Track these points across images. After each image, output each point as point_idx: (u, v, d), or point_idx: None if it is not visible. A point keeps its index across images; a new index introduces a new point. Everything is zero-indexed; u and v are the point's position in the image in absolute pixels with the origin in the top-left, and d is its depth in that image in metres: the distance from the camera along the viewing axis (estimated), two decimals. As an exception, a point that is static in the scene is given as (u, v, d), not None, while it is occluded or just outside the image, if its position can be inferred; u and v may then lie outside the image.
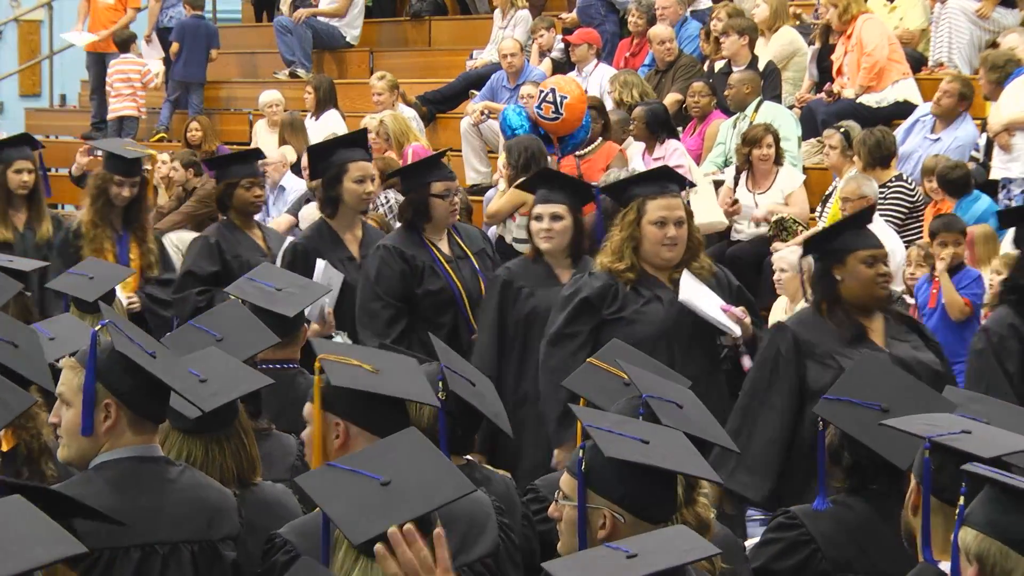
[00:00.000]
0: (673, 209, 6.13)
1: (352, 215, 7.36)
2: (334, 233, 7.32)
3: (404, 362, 4.09)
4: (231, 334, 5.13)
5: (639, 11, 12.65)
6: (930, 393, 4.32)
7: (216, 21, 17.97)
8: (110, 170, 8.16)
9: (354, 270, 7.20)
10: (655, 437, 3.48)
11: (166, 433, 4.27)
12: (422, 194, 7.05)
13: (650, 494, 3.37)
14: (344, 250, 7.30)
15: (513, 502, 4.41)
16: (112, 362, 3.84)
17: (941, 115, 9.96)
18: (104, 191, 8.14)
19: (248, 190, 7.87)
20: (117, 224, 8.17)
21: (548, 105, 10.30)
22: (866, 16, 10.90)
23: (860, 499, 4.19)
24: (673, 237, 6.11)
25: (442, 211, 7.06)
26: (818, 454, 4.28)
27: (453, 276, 7.02)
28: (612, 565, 2.89)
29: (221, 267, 7.72)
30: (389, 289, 6.93)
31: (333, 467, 3.26)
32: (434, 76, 14.20)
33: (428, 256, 7.01)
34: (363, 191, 7.28)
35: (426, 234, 7.07)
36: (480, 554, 3.90)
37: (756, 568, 4.21)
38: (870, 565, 4.13)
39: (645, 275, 6.14)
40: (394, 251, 6.99)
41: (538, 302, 6.58)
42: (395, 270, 6.95)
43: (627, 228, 6.14)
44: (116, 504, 3.76)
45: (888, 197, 9.30)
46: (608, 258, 6.17)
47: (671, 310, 6.05)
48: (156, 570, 3.86)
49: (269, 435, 4.94)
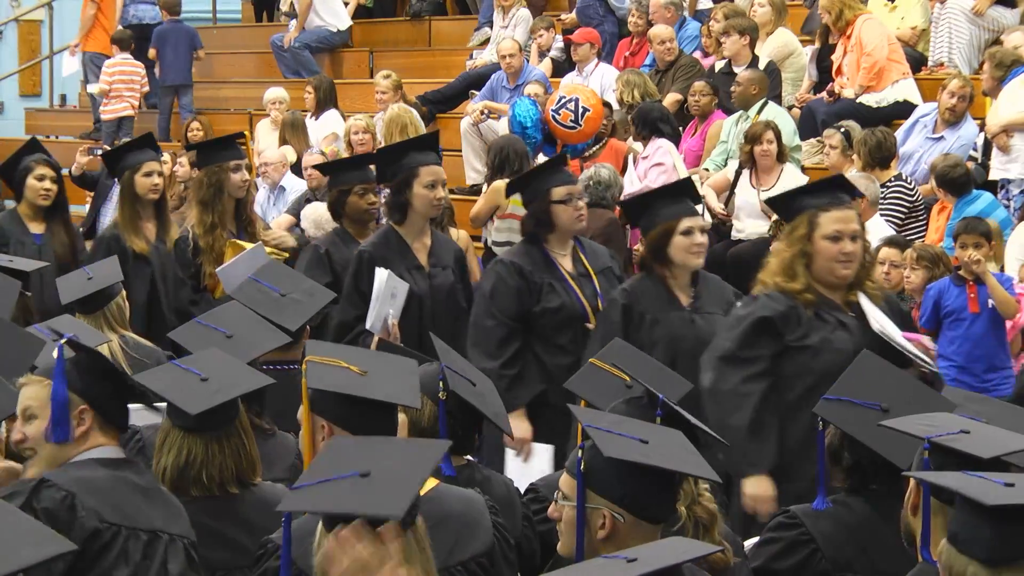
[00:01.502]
0: (848, 222, 5.63)
1: (422, 222, 7.00)
2: (402, 241, 6.97)
3: (398, 364, 4.07)
4: (241, 332, 5.14)
5: (638, 11, 12.65)
6: (930, 393, 4.33)
7: (216, 21, 18.00)
8: (223, 159, 7.69)
9: (422, 280, 6.92)
10: (654, 437, 3.48)
11: (166, 431, 4.30)
12: (543, 202, 6.68)
13: (650, 494, 3.38)
14: (412, 259, 6.96)
15: (513, 503, 4.41)
16: (81, 370, 3.99)
17: (953, 119, 9.92)
18: (219, 185, 7.66)
19: (362, 197, 7.40)
20: (231, 224, 7.72)
21: (568, 113, 10.31)
22: (865, 16, 10.90)
23: (860, 499, 4.20)
24: (849, 253, 5.60)
25: (567, 219, 6.66)
26: (818, 454, 4.28)
27: (580, 293, 6.64)
28: (612, 569, 2.89)
29: (332, 278, 7.15)
30: (503, 307, 6.59)
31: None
32: (434, 76, 14.20)
33: (550, 272, 6.65)
34: (434, 197, 6.92)
35: (550, 246, 6.70)
36: (473, 553, 3.91)
37: (756, 568, 4.21)
38: (870, 565, 4.13)
39: (822, 298, 5.63)
40: (512, 267, 6.65)
41: (664, 331, 6.18)
42: (511, 287, 6.60)
43: (797, 244, 5.65)
44: (117, 486, 3.95)
45: (888, 197, 9.30)
46: (779, 277, 5.65)
47: (860, 339, 5.48)
48: (159, 555, 3.97)
49: (271, 435, 4.96)
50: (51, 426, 3.95)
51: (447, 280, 7.01)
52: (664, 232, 6.24)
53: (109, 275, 6.25)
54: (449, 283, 7.01)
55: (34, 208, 8.50)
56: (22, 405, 4.08)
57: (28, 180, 8.49)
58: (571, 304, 6.61)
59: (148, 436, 4.83)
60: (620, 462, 3.33)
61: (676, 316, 6.20)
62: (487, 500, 4.05)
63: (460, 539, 3.87)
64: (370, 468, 2.83)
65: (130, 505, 3.95)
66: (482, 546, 3.94)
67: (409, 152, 7.06)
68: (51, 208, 8.51)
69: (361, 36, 15.70)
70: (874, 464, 4.13)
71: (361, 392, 3.79)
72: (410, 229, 6.98)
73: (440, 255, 7.03)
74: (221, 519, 4.30)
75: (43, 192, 8.46)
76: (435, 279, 6.97)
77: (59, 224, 8.53)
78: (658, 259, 6.26)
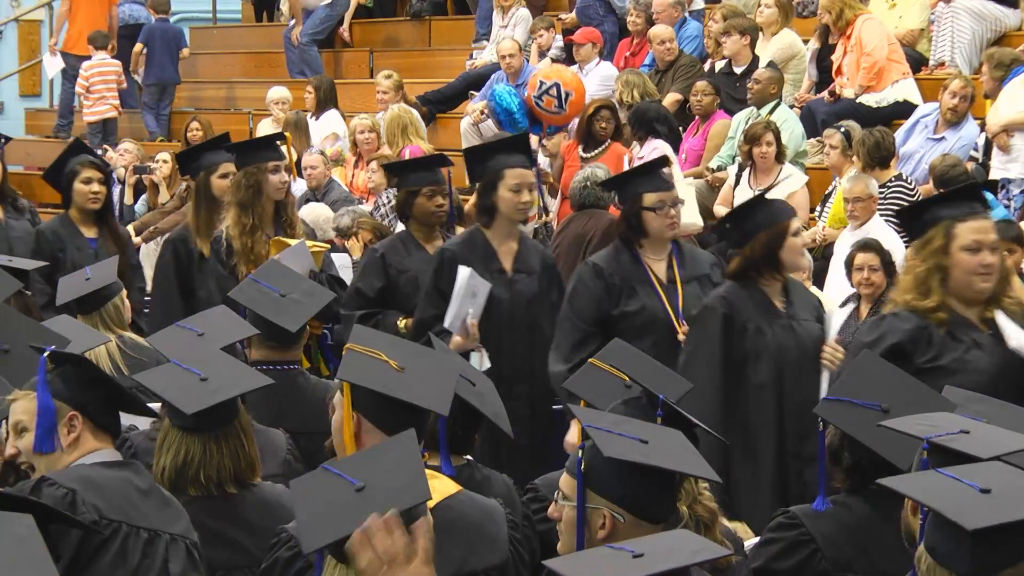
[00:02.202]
0: (987, 232, 5.33)
1: (509, 226, 6.80)
2: (488, 244, 6.79)
3: (440, 363, 4.01)
4: (210, 328, 5.14)
5: (638, 11, 12.65)
6: (930, 393, 4.32)
7: (216, 21, 18.01)
8: (261, 159, 7.37)
9: (503, 285, 6.72)
10: (654, 437, 3.47)
11: (165, 431, 4.30)
12: (633, 206, 6.46)
13: (650, 494, 3.37)
14: (495, 262, 6.77)
15: (513, 502, 4.41)
16: (67, 378, 3.99)
17: (955, 119, 9.91)
18: (257, 187, 7.34)
19: (430, 199, 7.12)
20: (269, 227, 7.39)
21: (551, 99, 10.29)
22: (865, 16, 10.90)
23: (860, 499, 4.19)
24: (989, 265, 5.30)
25: (658, 226, 6.42)
26: (818, 454, 4.28)
27: (665, 300, 6.39)
28: (616, 563, 2.89)
29: (385, 282, 7.09)
30: (581, 310, 6.40)
31: (325, 470, 3.26)
32: (434, 76, 14.20)
33: (636, 275, 6.43)
34: (519, 200, 6.72)
35: (643, 250, 6.47)
36: (487, 565, 3.90)
37: (756, 568, 4.20)
38: (870, 565, 4.12)
39: (956, 316, 5.34)
40: (593, 269, 6.46)
41: (768, 341, 5.92)
42: (590, 289, 6.41)
43: (932, 257, 5.33)
44: (119, 485, 3.94)
45: (888, 197, 9.29)
46: (910, 294, 5.37)
47: (996, 358, 5.28)
48: (160, 554, 3.97)
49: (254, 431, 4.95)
50: (36, 436, 3.96)
51: (530, 287, 6.83)
52: (777, 235, 5.98)
53: (107, 276, 6.24)
54: (532, 291, 6.83)
55: (84, 212, 8.24)
56: (13, 420, 4.09)
57: (75, 184, 8.21)
58: (653, 309, 6.37)
59: (139, 442, 4.84)
60: (620, 462, 3.32)
61: (778, 325, 5.96)
62: (508, 514, 4.03)
63: (475, 549, 3.86)
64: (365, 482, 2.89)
65: (130, 504, 3.95)
66: (497, 559, 3.92)
67: (496, 153, 6.87)
68: (100, 211, 8.27)
69: (361, 36, 15.70)
70: (874, 464, 4.11)
71: (390, 391, 3.75)
72: (496, 232, 6.80)
73: (527, 261, 6.85)
74: (221, 519, 4.30)
75: (92, 196, 8.19)
76: (516, 284, 6.79)
77: (109, 226, 8.32)
78: (770, 264, 5.99)
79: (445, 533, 3.13)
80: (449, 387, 3.90)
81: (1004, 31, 10.98)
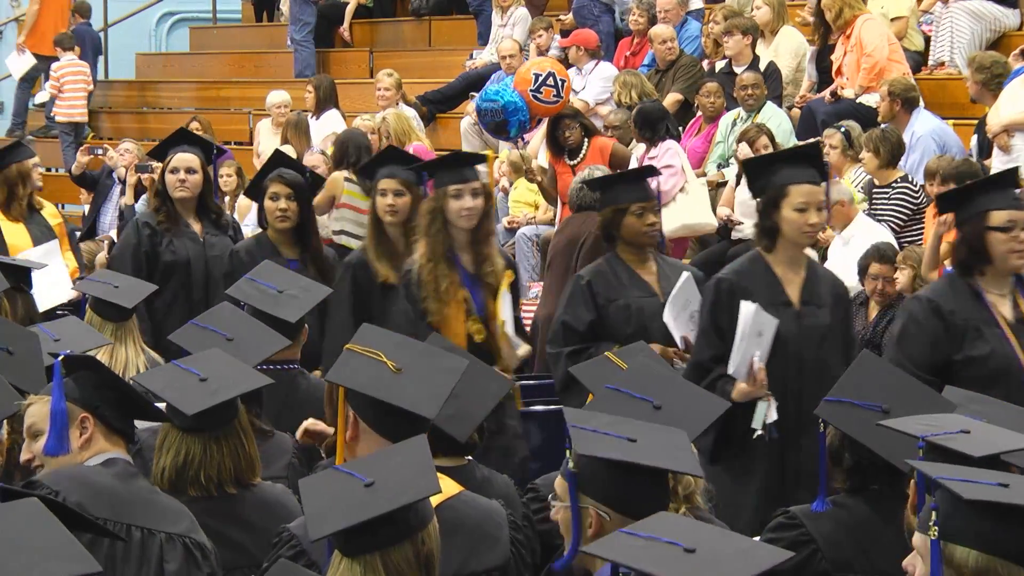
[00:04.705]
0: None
1: (794, 251, 5.82)
2: (770, 271, 5.82)
3: (441, 363, 3.97)
4: (241, 336, 5.16)
5: (640, 10, 12.64)
6: (931, 393, 4.33)
7: (216, 21, 18.02)
8: (443, 182, 6.35)
9: (790, 320, 5.74)
10: (645, 436, 3.48)
11: (165, 431, 4.30)
12: (976, 226, 5.44)
13: (632, 490, 3.38)
14: (780, 293, 5.78)
15: (514, 503, 4.41)
16: (79, 379, 3.99)
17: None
18: (441, 215, 6.34)
19: (640, 217, 6.36)
20: None
21: (549, 89, 10.26)
22: (865, 16, 10.90)
23: (860, 500, 4.19)
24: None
25: (1003, 250, 5.42)
26: (819, 454, 4.28)
27: (1015, 343, 5.45)
28: (669, 557, 2.87)
29: (595, 315, 6.35)
30: (913, 354, 5.46)
31: (335, 469, 3.28)
32: (434, 76, 14.21)
33: (979, 314, 5.48)
34: (805, 222, 5.72)
35: (984, 282, 5.50)
36: (488, 566, 3.90)
37: (756, 568, 4.21)
38: (870, 565, 4.13)
39: None
40: (928, 304, 5.53)
41: None
42: (927, 330, 5.49)
43: None
44: (111, 484, 3.94)
45: (892, 198, 9.25)
46: None
47: None
48: (155, 553, 3.96)
49: (270, 436, 4.96)
50: (48, 439, 3.96)
51: (822, 321, 5.82)
52: None
53: (137, 294, 6.03)
54: (824, 325, 5.82)
55: (278, 231, 7.23)
56: (28, 423, 4.10)
57: (265, 202, 7.27)
58: (1003, 354, 5.43)
59: (145, 439, 4.84)
60: (602, 461, 3.34)
61: None
62: (510, 515, 4.03)
63: (476, 550, 3.87)
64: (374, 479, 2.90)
65: (123, 502, 3.93)
66: (498, 560, 3.93)
67: (782, 166, 5.86)
68: (298, 229, 7.24)
69: (361, 36, 15.71)
70: (874, 465, 4.12)
71: (380, 393, 3.75)
72: (780, 257, 5.81)
73: (817, 291, 5.86)
74: (221, 519, 4.30)
75: (278, 214, 7.17)
76: (805, 319, 5.79)
77: (310, 247, 7.28)
78: None
79: (447, 534, 3.13)
80: (444, 391, 3.87)
81: (1003, 31, 10.97)
